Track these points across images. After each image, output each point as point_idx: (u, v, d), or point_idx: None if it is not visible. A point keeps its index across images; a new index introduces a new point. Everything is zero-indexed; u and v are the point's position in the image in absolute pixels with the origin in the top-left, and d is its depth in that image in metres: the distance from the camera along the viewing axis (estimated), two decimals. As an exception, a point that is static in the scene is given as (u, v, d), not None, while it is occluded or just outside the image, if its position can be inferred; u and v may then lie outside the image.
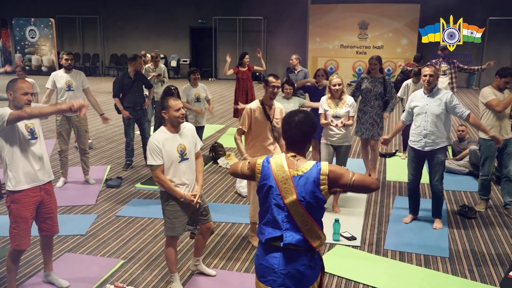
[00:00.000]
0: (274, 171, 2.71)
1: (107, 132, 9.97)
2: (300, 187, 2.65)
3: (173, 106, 3.85)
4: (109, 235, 5.26)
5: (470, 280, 4.40)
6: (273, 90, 4.73)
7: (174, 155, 3.91)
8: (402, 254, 4.86)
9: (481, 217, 5.78)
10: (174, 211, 3.98)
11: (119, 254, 4.84)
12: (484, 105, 5.52)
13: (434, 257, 4.80)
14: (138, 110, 7.36)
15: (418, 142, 5.20)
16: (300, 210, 2.65)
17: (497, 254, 4.89)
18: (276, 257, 2.72)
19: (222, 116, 12.09)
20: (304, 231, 2.68)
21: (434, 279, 4.41)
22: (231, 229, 5.43)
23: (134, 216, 5.74)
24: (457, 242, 5.15)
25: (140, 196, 6.42)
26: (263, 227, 2.79)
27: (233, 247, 5.00)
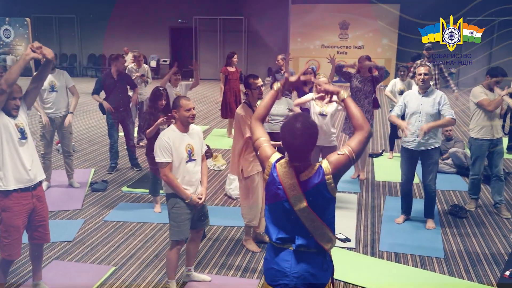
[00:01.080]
0: (281, 178, 2.60)
1: (89, 134, 9.74)
2: (309, 192, 2.57)
3: (184, 106, 3.84)
4: (98, 241, 5.10)
5: (467, 280, 4.39)
6: (259, 91, 4.67)
7: (182, 154, 3.85)
8: (398, 255, 4.83)
9: (472, 217, 5.79)
10: (180, 214, 3.91)
11: (109, 260, 4.68)
12: (475, 104, 5.53)
13: (429, 258, 4.78)
14: (122, 111, 7.20)
15: (411, 142, 5.17)
16: (311, 216, 2.57)
17: (491, 253, 4.89)
18: (288, 260, 2.64)
19: (205, 117, 11.96)
20: (316, 236, 2.60)
21: (432, 280, 4.39)
22: (223, 232, 5.32)
23: (123, 221, 5.58)
24: (451, 242, 5.14)
25: (127, 200, 6.25)
26: (272, 227, 2.69)
27: (226, 251, 4.89)
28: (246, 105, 4.68)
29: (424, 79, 5.05)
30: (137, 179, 7.03)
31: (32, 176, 3.65)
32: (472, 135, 5.66)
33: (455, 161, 7.35)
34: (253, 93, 4.66)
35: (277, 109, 6.32)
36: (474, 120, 5.60)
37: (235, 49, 17.61)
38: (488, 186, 6.41)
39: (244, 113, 4.59)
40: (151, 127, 5.42)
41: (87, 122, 10.82)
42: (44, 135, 6.38)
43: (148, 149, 5.68)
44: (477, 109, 5.55)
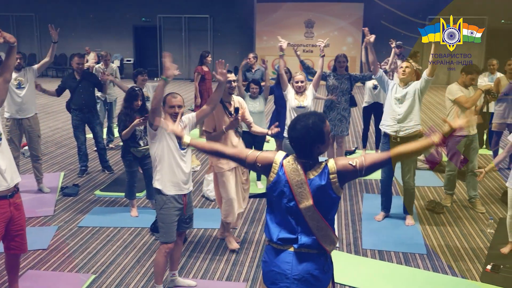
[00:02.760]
0: (288, 174, 2.56)
1: (55, 136, 9.40)
2: (315, 190, 2.53)
3: (167, 102, 3.81)
4: (74, 248, 4.89)
5: (451, 276, 4.43)
6: (229, 85, 4.61)
7: (174, 140, 3.79)
8: (381, 253, 4.84)
9: (448, 212, 5.88)
10: (169, 215, 3.82)
11: (88, 268, 4.50)
12: (452, 102, 5.61)
13: (412, 254, 4.81)
14: (87, 112, 6.95)
15: (391, 126, 5.22)
16: (316, 215, 2.53)
17: (471, 248, 4.97)
18: (289, 262, 2.58)
19: (174, 117, 11.72)
20: (319, 237, 2.56)
21: (418, 277, 4.42)
22: (204, 235, 5.21)
23: (99, 226, 5.39)
24: (431, 238, 5.19)
25: (101, 204, 6.05)
26: (274, 227, 2.62)
27: (210, 254, 4.78)
28: None
29: (405, 71, 5.12)
30: (110, 182, 6.81)
31: (9, 180, 3.43)
32: (449, 131, 5.72)
33: (428, 157, 7.45)
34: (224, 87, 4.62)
35: (253, 106, 6.27)
36: (451, 117, 5.66)
37: (200, 48, 17.42)
38: (461, 181, 6.54)
39: None
40: (127, 129, 5.27)
41: (51, 124, 10.45)
42: (12, 139, 6.08)
43: (124, 151, 5.52)
44: (453, 106, 5.63)
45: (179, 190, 3.83)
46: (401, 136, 5.18)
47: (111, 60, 8.95)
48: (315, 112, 2.70)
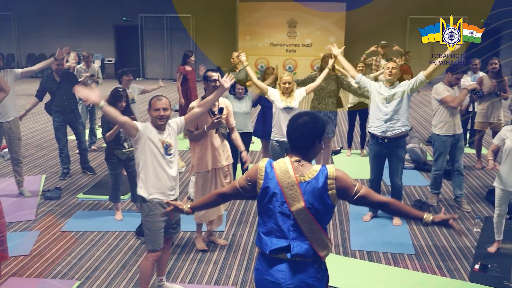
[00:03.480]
0: (279, 177, 2.52)
1: (36, 138, 9.20)
2: (308, 193, 2.48)
3: (152, 105, 3.69)
4: (57, 253, 4.77)
5: (440, 276, 4.43)
6: (215, 84, 4.51)
7: (158, 145, 3.66)
8: (370, 254, 4.82)
9: (435, 211, 5.89)
10: (155, 222, 3.71)
11: (72, 274, 4.38)
12: (438, 101, 5.61)
13: (401, 255, 4.80)
14: (69, 113, 6.84)
15: (379, 127, 5.19)
16: (308, 218, 2.48)
17: (458, 247, 4.98)
18: (282, 271, 2.53)
19: (157, 117, 11.59)
20: (312, 240, 2.51)
21: (407, 278, 4.40)
22: (191, 238, 5.13)
23: (82, 231, 5.27)
24: (419, 238, 5.19)
25: (84, 208, 5.92)
26: (266, 237, 2.58)
27: (197, 258, 4.71)
28: (201, 100, 4.52)
29: (391, 71, 5.10)
30: (93, 185, 6.68)
31: None
32: (435, 131, 5.74)
33: (413, 157, 7.48)
34: (209, 85, 4.56)
35: (239, 107, 6.21)
36: (437, 116, 5.69)
37: (183, 47, 17.28)
38: (446, 180, 6.56)
39: (194, 106, 4.45)
40: (111, 131, 5.16)
41: (31, 125, 10.24)
42: (-9, 142, 5.93)
43: (108, 154, 5.40)
44: (439, 106, 5.64)
45: (165, 196, 3.70)
46: (388, 136, 5.17)
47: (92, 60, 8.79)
48: (307, 111, 2.72)
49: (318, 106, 6.47)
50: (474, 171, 7.40)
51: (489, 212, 5.85)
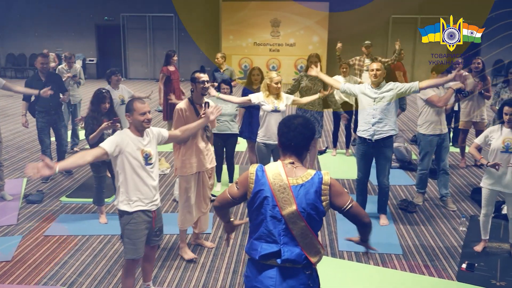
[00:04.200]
0: (270, 180, 2.47)
1: (16, 140, 9.00)
2: (301, 197, 2.44)
3: (138, 109, 3.51)
4: (41, 258, 4.66)
5: (428, 276, 4.44)
6: (203, 86, 4.44)
7: (138, 157, 3.53)
8: (358, 255, 4.81)
9: (421, 211, 5.91)
10: (136, 230, 3.59)
11: (56, 280, 4.29)
12: (424, 101, 5.63)
13: (389, 255, 4.80)
14: (53, 114, 6.76)
15: (367, 131, 5.17)
16: (300, 222, 2.44)
17: (445, 247, 5.00)
18: (272, 277, 2.48)
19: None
20: (303, 245, 2.47)
21: (396, 278, 4.40)
22: (177, 241, 5.05)
23: (66, 235, 5.16)
24: (405, 237, 5.20)
25: (68, 211, 5.81)
26: (256, 242, 2.53)
27: (184, 261, 4.64)
28: (188, 101, 4.47)
29: (376, 74, 5.07)
30: (76, 188, 6.56)
31: None
32: (421, 131, 5.76)
33: (398, 156, 7.51)
34: (197, 87, 4.45)
35: (224, 108, 6.14)
36: (423, 116, 5.70)
37: (165, 47, 17.11)
38: (431, 179, 6.59)
39: (183, 108, 4.39)
40: (94, 132, 5.07)
41: (11, 127, 10.03)
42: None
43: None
44: (425, 106, 5.65)
45: (147, 206, 3.61)
46: (375, 139, 5.16)
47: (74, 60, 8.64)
48: (296, 114, 2.69)
49: (304, 106, 6.44)
50: (458, 170, 7.46)
51: (474, 211, 5.90)
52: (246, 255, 4.74)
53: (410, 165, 7.46)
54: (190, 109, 4.44)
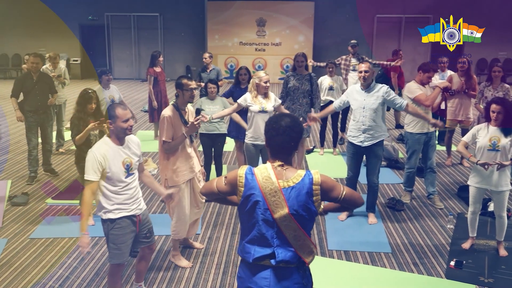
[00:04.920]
0: (261, 183, 2.44)
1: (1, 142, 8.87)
2: (292, 199, 2.41)
3: (121, 116, 3.41)
4: (27, 261, 4.59)
5: (417, 274, 4.46)
6: (191, 93, 4.34)
7: (120, 169, 3.45)
8: (347, 254, 4.82)
9: (408, 209, 5.95)
10: (121, 235, 3.53)
11: (43, 283, 4.22)
12: (412, 100, 5.66)
13: (378, 254, 4.82)
14: (41, 114, 6.72)
15: (357, 137, 5.20)
16: (292, 224, 2.42)
17: (433, 245, 5.03)
18: (266, 278, 2.46)
19: (126, 118, 11.35)
20: (296, 247, 2.46)
21: (385, 277, 4.42)
22: (166, 242, 5.02)
23: (53, 237, 5.09)
24: (394, 236, 5.22)
25: (54, 213, 5.73)
26: (248, 245, 2.51)
27: (173, 263, 4.60)
28: (173, 107, 4.33)
29: (365, 76, 5.08)
30: (61, 189, 6.47)
31: None
32: (408, 130, 5.79)
33: (385, 155, 7.53)
34: (184, 95, 4.31)
35: (212, 111, 6.10)
36: (410, 115, 5.73)
37: (150, 47, 17.02)
38: (418, 178, 6.63)
39: (170, 115, 4.25)
40: (81, 133, 5.00)
41: (-6, 128, 9.89)
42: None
43: (78, 157, 5.23)
44: (412, 105, 5.67)
45: (130, 212, 3.55)
46: (365, 146, 5.19)
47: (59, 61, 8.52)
48: (283, 113, 2.65)
49: (292, 106, 6.42)
50: (444, 168, 7.52)
51: (461, 208, 5.95)
52: (235, 256, 4.73)
53: (397, 164, 7.50)
54: (176, 115, 4.30)
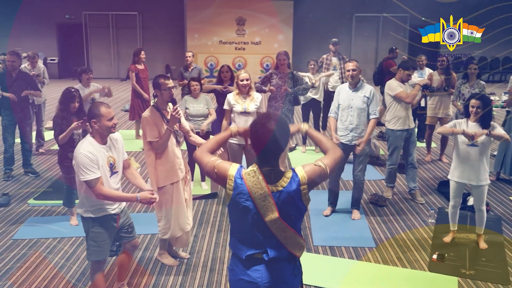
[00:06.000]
0: (250, 188, 2.42)
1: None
2: (281, 203, 2.42)
3: (105, 115, 3.40)
4: (11, 263, 4.53)
5: (401, 267, 4.54)
6: (169, 93, 4.26)
7: (105, 168, 3.45)
8: (333, 249, 4.88)
9: (390, 204, 6.05)
10: (101, 233, 3.53)
11: (28, 284, 4.18)
12: (392, 97, 5.75)
13: (362, 248, 4.89)
14: (19, 112, 6.67)
15: (345, 136, 5.28)
16: (283, 226, 2.44)
17: (416, 239, 5.13)
18: (259, 270, 2.50)
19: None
20: (288, 245, 2.49)
21: (369, 271, 4.49)
22: (151, 241, 5.01)
23: (36, 238, 5.03)
24: (377, 231, 5.31)
25: (36, 214, 5.66)
26: (240, 245, 2.53)
27: (159, 261, 4.59)
28: (154, 109, 4.26)
29: (352, 75, 5.15)
30: (43, 189, 6.40)
31: None
32: (389, 127, 5.89)
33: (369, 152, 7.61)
34: (163, 94, 4.22)
35: (196, 109, 6.12)
36: (391, 112, 5.83)
37: (130, 46, 16.87)
38: (399, 174, 6.74)
39: (150, 116, 4.18)
40: (64, 133, 4.95)
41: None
42: None
43: (61, 157, 5.18)
44: (393, 102, 5.78)
45: (112, 211, 3.55)
46: (353, 144, 5.27)
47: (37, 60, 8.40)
48: (268, 113, 2.53)
49: (275, 104, 6.46)
50: (424, 164, 7.66)
51: (441, 203, 6.07)
52: (222, 253, 4.75)
53: (379, 160, 7.61)
54: (157, 116, 4.23)
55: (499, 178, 6.92)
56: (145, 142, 4.25)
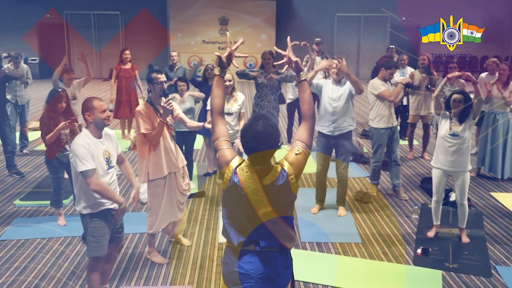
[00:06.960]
0: (243, 183, 2.51)
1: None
2: (273, 196, 2.52)
3: (98, 108, 3.50)
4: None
5: (387, 262, 4.65)
6: (161, 87, 4.39)
7: (101, 162, 3.52)
8: (320, 245, 4.97)
9: (375, 201, 6.16)
10: (100, 228, 3.57)
11: (19, 284, 4.18)
12: (375, 96, 5.87)
13: (349, 244, 4.99)
14: None
15: (327, 126, 5.38)
16: (275, 219, 2.53)
17: (400, 234, 5.25)
18: (252, 262, 2.58)
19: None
20: (279, 237, 2.57)
21: (356, 266, 4.59)
22: (140, 240, 5.04)
23: (24, 238, 5.02)
24: (363, 226, 5.42)
25: (23, 215, 5.64)
26: (233, 233, 2.60)
27: (149, 259, 4.63)
28: (148, 103, 4.39)
29: (337, 72, 5.27)
30: (30, 190, 6.37)
31: None
32: (373, 125, 6.00)
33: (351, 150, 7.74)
34: (155, 88, 4.37)
35: (182, 107, 6.15)
36: (374, 110, 5.94)
37: (112, 46, 16.79)
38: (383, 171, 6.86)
39: (143, 109, 4.30)
40: (51, 133, 4.94)
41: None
42: None
43: (50, 155, 5.16)
44: (376, 100, 5.90)
45: (110, 205, 3.59)
46: (335, 135, 5.37)
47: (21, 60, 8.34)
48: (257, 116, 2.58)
49: (260, 103, 6.50)
50: (407, 161, 7.80)
51: (424, 199, 6.21)
52: (211, 251, 4.80)
53: (362, 158, 7.73)
54: (150, 110, 4.33)
55: (480, 174, 7.09)
56: (138, 135, 4.35)
